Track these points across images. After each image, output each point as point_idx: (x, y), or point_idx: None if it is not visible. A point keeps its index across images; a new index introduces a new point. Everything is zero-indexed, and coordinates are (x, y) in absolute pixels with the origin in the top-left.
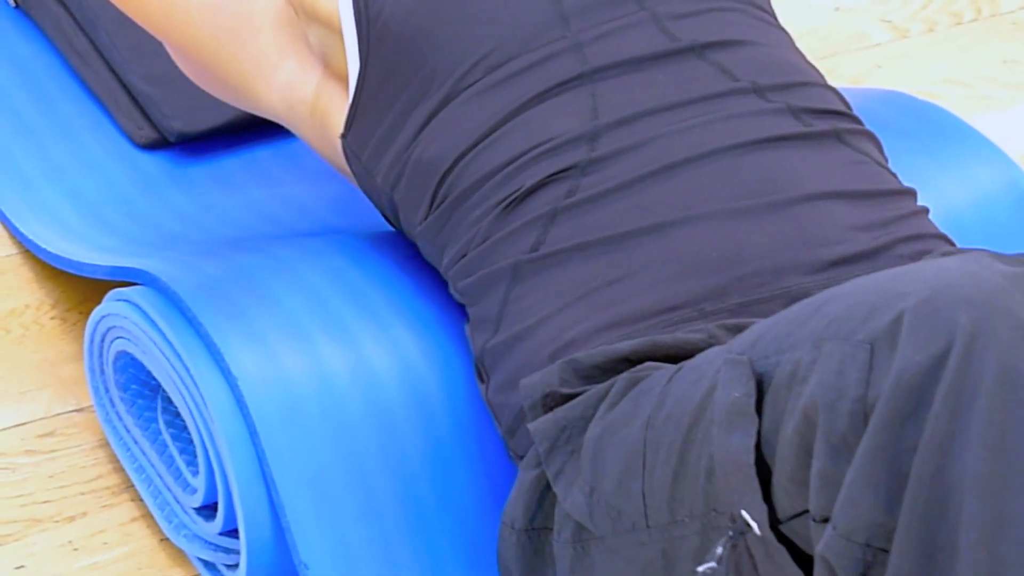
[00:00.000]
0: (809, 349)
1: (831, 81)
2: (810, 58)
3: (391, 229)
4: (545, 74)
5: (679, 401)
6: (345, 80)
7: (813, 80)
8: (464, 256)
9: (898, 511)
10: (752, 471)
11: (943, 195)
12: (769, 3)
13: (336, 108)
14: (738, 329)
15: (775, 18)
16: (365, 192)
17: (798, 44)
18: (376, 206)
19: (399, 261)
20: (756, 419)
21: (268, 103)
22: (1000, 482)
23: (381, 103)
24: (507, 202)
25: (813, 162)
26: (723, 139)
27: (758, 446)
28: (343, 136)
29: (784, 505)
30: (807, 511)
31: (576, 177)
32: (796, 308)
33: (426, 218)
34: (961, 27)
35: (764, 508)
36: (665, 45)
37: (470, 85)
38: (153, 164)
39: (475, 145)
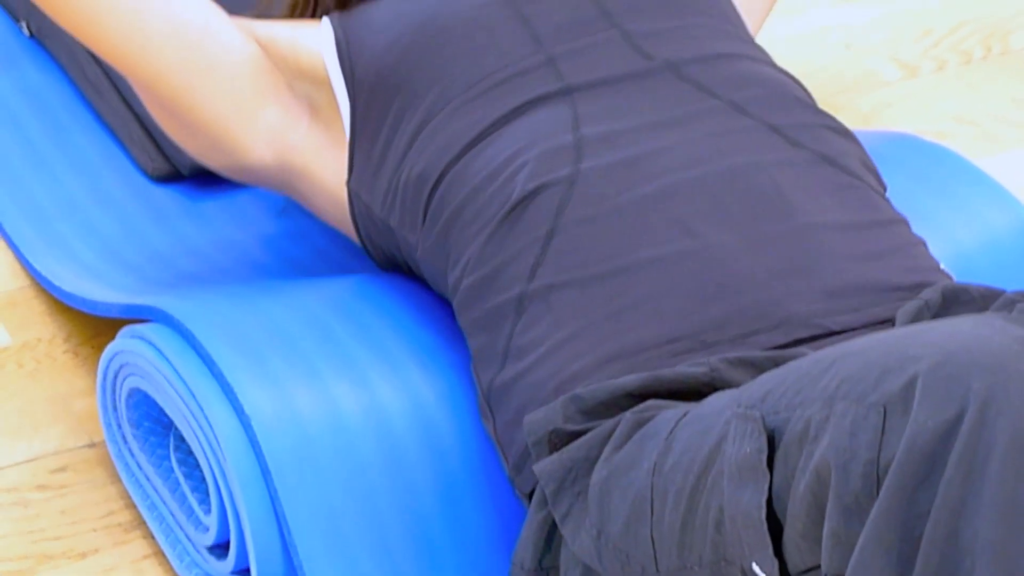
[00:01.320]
0: (820, 407)
1: (844, 119)
2: (821, 95)
3: None
4: (523, 86)
5: (686, 449)
6: (336, 127)
7: (794, 93)
8: (465, 279)
9: (911, 574)
10: (763, 527)
11: (952, 236)
12: (738, 16)
13: (331, 156)
14: (740, 363)
15: (744, 30)
16: (363, 239)
17: (809, 82)
18: (373, 254)
19: (411, 300)
20: (767, 475)
21: (256, 153)
22: (1012, 547)
23: (371, 136)
24: (500, 217)
25: (803, 188)
26: (711, 163)
27: (768, 500)
28: (348, 181)
29: (795, 560)
30: (818, 566)
31: (565, 189)
32: (805, 363)
33: (423, 238)
34: (971, 65)
35: (775, 563)
36: (640, 63)
37: (450, 101)
38: (166, 197)
39: (460, 157)
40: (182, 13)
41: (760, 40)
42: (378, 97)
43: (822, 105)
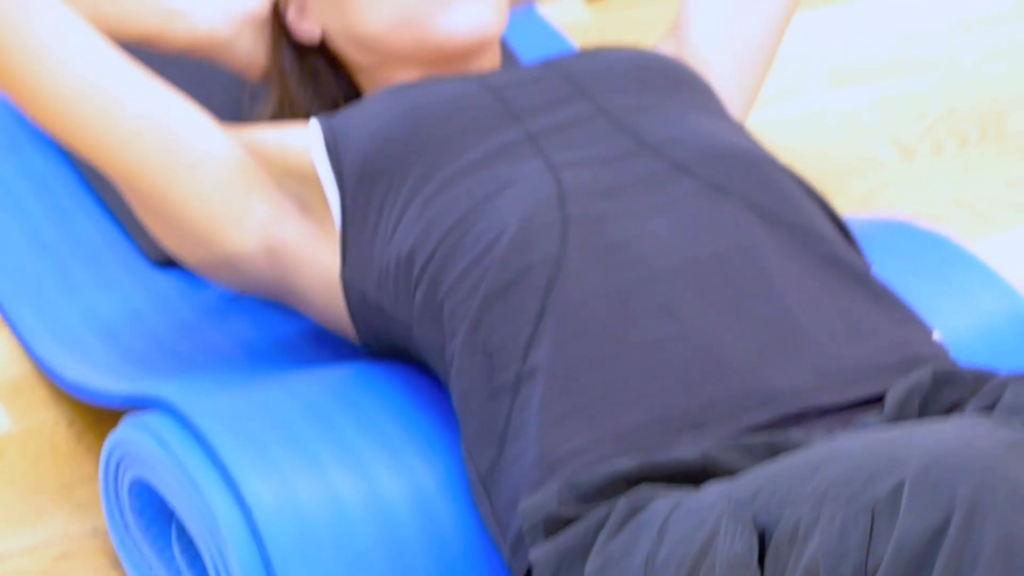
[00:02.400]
0: (810, 508)
1: (840, 202)
2: (818, 179)
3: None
4: (506, 163)
5: (679, 542)
6: (327, 222)
7: (775, 170)
8: (459, 357)
9: None
10: None
11: (946, 322)
12: (719, 99)
13: (320, 250)
14: (734, 448)
15: (719, 104)
16: (360, 330)
17: (805, 164)
18: (371, 346)
19: (409, 386)
20: (759, 573)
21: (245, 249)
22: None
23: (360, 224)
24: (490, 293)
25: (789, 266)
26: (694, 247)
27: None
28: (342, 273)
29: None
30: None
31: (553, 269)
32: (796, 461)
33: (418, 316)
34: (967, 148)
35: None
36: (622, 141)
37: (432, 180)
38: (167, 282)
39: (448, 234)
40: (159, 108)
41: (756, 122)
42: (365, 186)
43: (818, 187)
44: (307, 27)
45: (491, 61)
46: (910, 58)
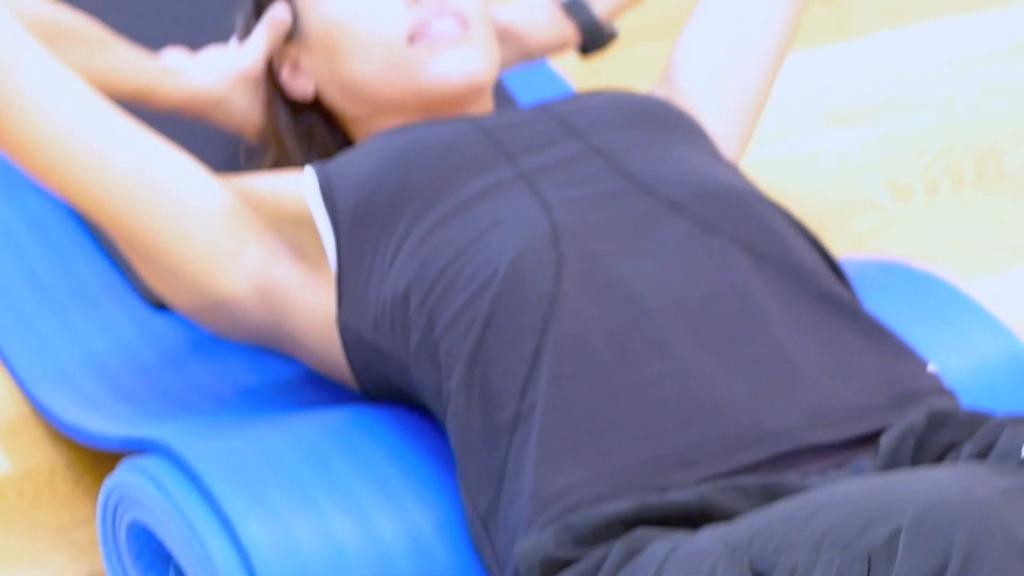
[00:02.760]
0: (807, 554)
1: (836, 242)
2: (814, 220)
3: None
4: (499, 200)
5: None
6: (323, 266)
7: (768, 209)
8: (456, 393)
9: None
10: None
11: (943, 364)
12: (705, 135)
13: (315, 294)
14: (730, 489)
15: (711, 143)
16: (357, 371)
17: (802, 205)
18: (369, 388)
19: (407, 428)
20: None
21: (238, 294)
22: None
23: (356, 265)
24: (486, 330)
25: (781, 305)
26: (687, 287)
27: None
28: (339, 315)
29: None
30: None
31: (548, 305)
32: (792, 507)
33: (415, 354)
34: (963, 188)
35: None
36: (614, 180)
37: (426, 218)
38: (164, 324)
39: (444, 271)
40: (148, 157)
41: (752, 161)
42: (360, 227)
43: (815, 228)
44: (301, 83)
45: (483, 106)
46: (907, 97)
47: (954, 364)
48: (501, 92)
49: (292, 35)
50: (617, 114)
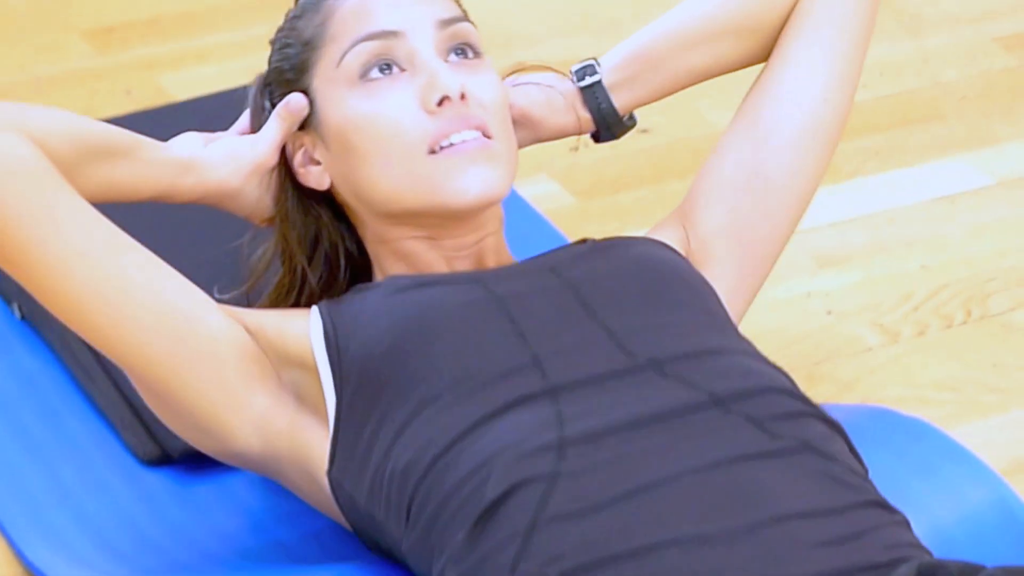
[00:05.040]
0: None
1: (826, 387)
2: (804, 364)
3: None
4: (508, 388)
5: None
6: (321, 413)
7: (775, 384)
8: (448, 571)
9: None
10: None
11: (931, 512)
12: (721, 304)
13: (316, 442)
14: None
15: (729, 320)
16: (353, 526)
17: (791, 351)
18: (364, 539)
19: None
20: None
21: (243, 439)
22: None
23: (357, 429)
24: (481, 511)
25: (781, 479)
26: (692, 459)
27: None
28: (329, 471)
29: None
30: None
31: (547, 486)
32: None
33: (408, 532)
34: (952, 329)
35: None
36: (623, 361)
37: (436, 399)
38: (158, 482)
39: (444, 453)
40: (170, 299)
41: None
42: (365, 392)
43: (805, 376)
44: (315, 174)
45: (494, 217)
46: (894, 239)
47: (943, 514)
48: None
49: (307, 123)
50: (631, 283)
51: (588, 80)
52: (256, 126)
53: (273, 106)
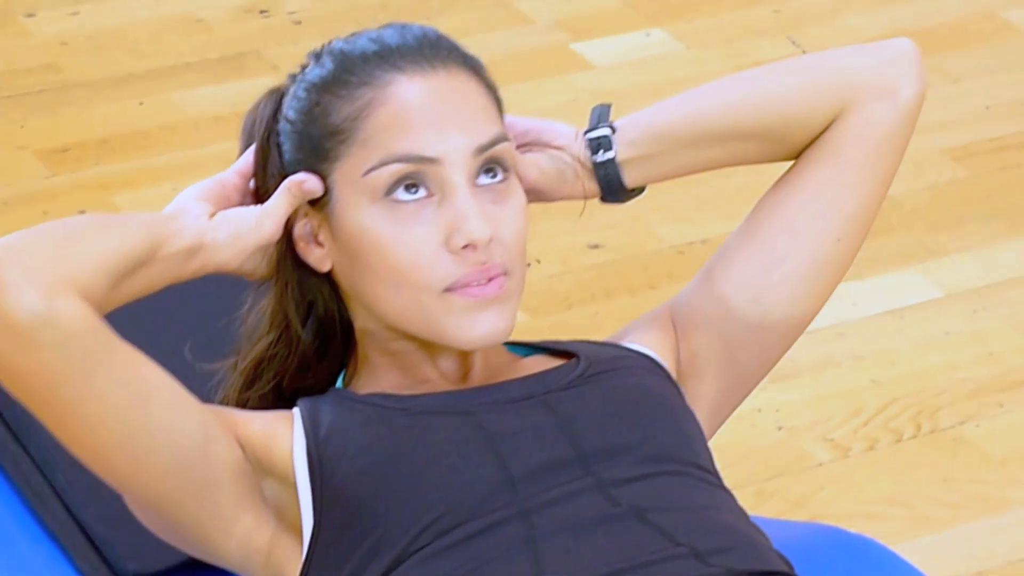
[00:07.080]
0: None
1: (776, 504)
2: (754, 480)
3: None
4: (492, 540)
5: None
6: (298, 534)
7: (753, 542)
8: None
9: None
10: None
11: None
12: (712, 463)
13: (290, 562)
14: None
15: (718, 478)
16: None
17: (743, 466)
18: None
19: None
20: None
21: (225, 553)
22: None
23: (333, 562)
24: None
25: None
26: None
27: None
28: None
29: None
30: None
31: None
32: None
33: None
34: (901, 444)
35: None
36: (606, 508)
37: (420, 549)
38: None
39: None
40: (188, 443)
41: None
42: (346, 530)
43: (755, 492)
44: (317, 255)
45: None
46: (843, 353)
47: None
48: None
49: (317, 202)
50: (624, 435)
51: (601, 156)
52: (260, 171)
53: (281, 157)
